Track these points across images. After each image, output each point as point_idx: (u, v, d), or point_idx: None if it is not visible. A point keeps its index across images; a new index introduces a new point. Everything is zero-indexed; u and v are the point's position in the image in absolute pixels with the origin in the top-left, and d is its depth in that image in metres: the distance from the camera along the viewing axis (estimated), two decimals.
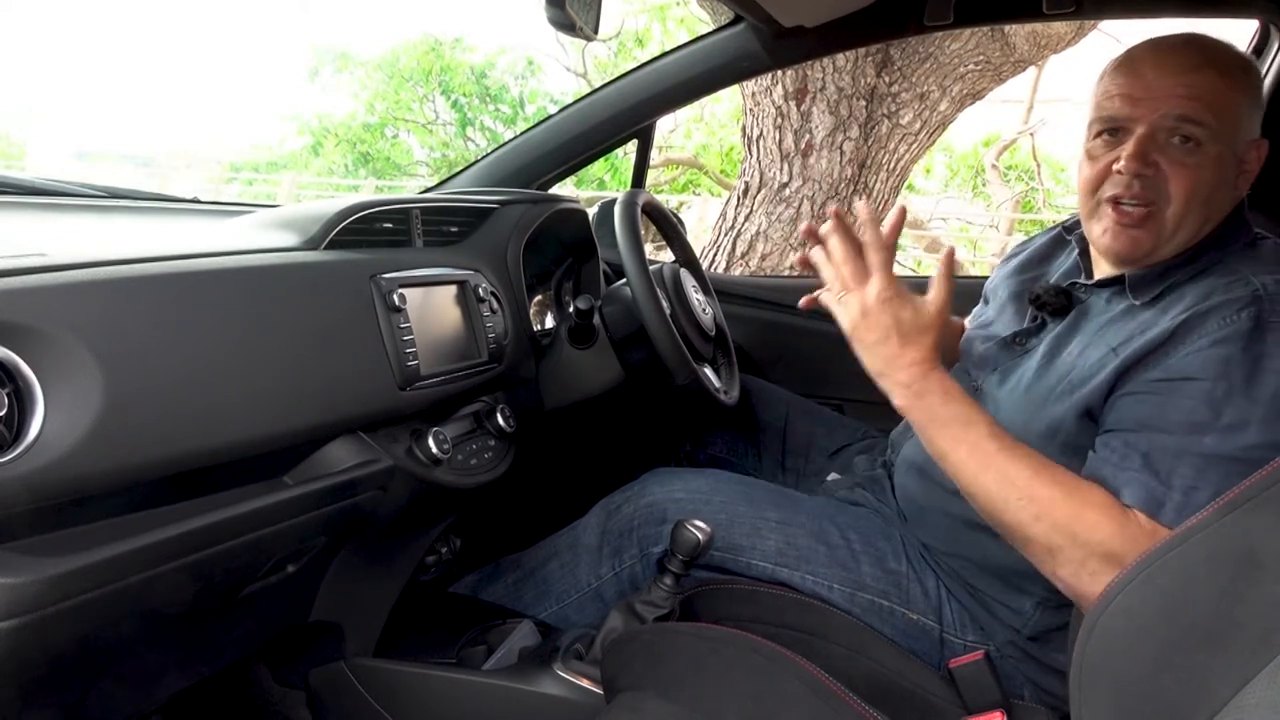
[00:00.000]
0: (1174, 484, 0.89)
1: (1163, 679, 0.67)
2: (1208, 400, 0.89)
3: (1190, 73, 0.96)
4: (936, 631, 1.06)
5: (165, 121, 21.11)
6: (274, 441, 0.83)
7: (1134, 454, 0.92)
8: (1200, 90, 0.95)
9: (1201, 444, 0.89)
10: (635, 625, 1.02)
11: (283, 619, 1.02)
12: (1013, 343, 1.11)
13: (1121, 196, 0.98)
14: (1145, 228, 0.98)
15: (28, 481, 0.61)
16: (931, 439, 0.97)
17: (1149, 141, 0.97)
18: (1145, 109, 0.97)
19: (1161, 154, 0.96)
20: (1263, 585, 0.63)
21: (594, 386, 1.34)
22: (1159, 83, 0.97)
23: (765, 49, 1.51)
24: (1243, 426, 0.88)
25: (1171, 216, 0.97)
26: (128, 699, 0.87)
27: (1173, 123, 0.96)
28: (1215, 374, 0.90)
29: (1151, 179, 0.97)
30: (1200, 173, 0.96)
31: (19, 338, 0.63)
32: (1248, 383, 0.88)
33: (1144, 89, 0.97)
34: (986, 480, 0.93)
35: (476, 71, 10.20)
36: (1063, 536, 0.90)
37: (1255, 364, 0.89)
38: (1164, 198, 0.97)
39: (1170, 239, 0.99)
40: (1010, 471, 0.92)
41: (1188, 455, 0.89)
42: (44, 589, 0.61)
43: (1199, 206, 0.97)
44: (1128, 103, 0.98)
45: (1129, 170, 0.97)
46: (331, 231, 1.00)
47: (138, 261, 0.74)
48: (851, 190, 2.71)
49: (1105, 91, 1.01)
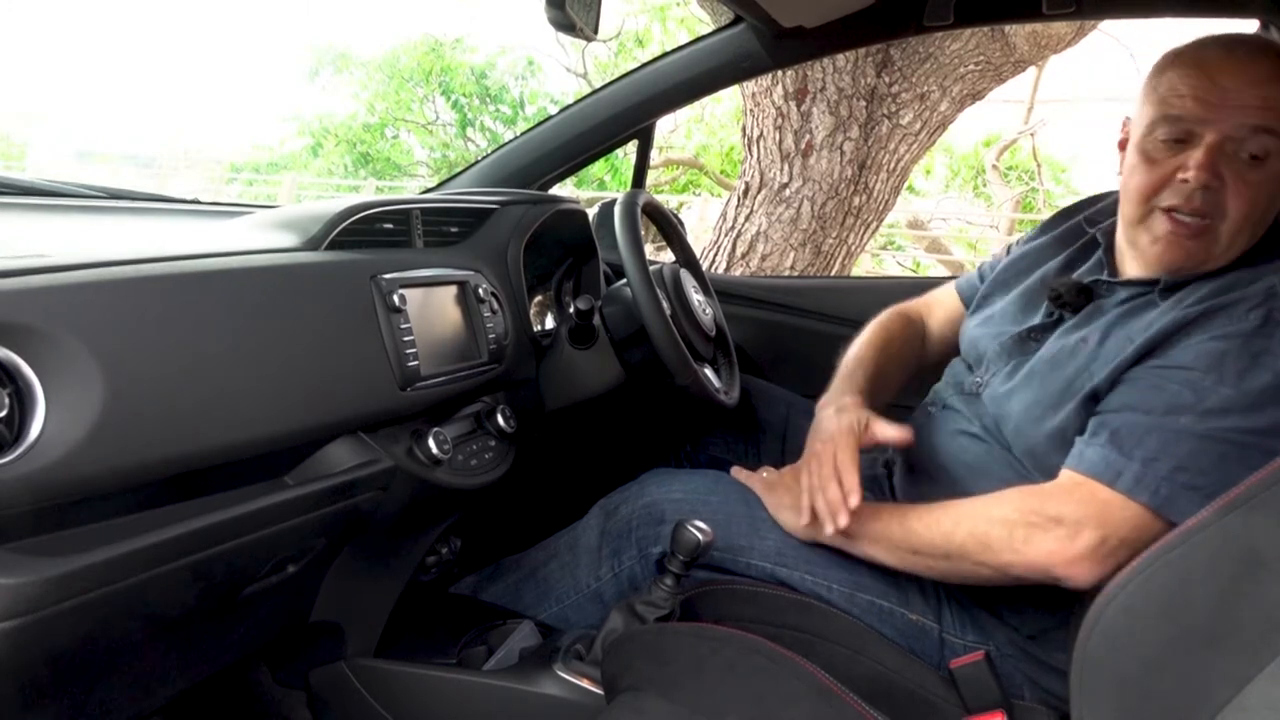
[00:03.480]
0: (1135, 455, 0.91)
1: (1163, 678, 0.67)
2: (1194, 387, 0.90)
3: (1270, 83, 0.92)
4: (936, 632, 1.06)
5: (166, 122, 21.13)
6: (274, 442, 0.83)
7: (1104, 430, 0.94)
8: (1277, 102, 0.92)
9: (1176, 422, 0.90)
10: (635, 625, 1.02)
11: (283, 619, 1.02)
12: (1028, 338, 1.10)
13: (1181, 208, 0.96)
14: (1200, 240, 0.96)
15: (28, 482, 0.61)
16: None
17: (1219, 152, 0.93)
18: (1219, 115, 0.93)
19: (1228, 167, 0.93)
20: (1265, 585, 0.63)
21: (594, 387, 1.34)
22: (1236, 90, 0.92)
23: (765, 49, 1.51)
24: (1223, 412, 0.88)
25: (1226, 232, 0.95)
26: (128, 699, 0.87)
27: (1246, 134, 0.92)
28: (1207, 366, 0.90)
29: (1215, 193, 0.94)
30: (1261, 189, 0.94)
31: (20, 338, 0.63)
32: (1240, 375, 0.89)
33: (1219, 94, 0.93)
34: (912, 548, 1.03)
35: (477, 72, 10.21)
36: (985, 523, 0.97)
37: (1253, 359, 0.89)
38: (1220, 213, 0.94)
39: (1223, 253, 0.97)
40: (926, 522, 1.02)
41: (1157, 431, 0.90)
42: (45, 590, 0.61)
43: (1253, 224, 0.96)
44: (1200, 106, 0.94)
45: (1197, 181, 0.93)
46: (332, 232, 1.00)
47: (139, 262, 0.74)
48: (852, 191, 2.71)
49: (1172, 88, 0.96)
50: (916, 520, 1.02)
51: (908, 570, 1.05)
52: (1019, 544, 0.94)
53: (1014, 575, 0.97)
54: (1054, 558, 0.93)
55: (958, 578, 1.02)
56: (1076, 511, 0.92)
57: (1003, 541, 0.95)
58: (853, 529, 1.05)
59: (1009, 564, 0.96)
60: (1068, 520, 0.92)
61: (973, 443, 1.10)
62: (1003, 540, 0.95)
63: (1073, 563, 0.92)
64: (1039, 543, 0.93)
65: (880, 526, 1.05)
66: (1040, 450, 1.02)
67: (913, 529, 1.02)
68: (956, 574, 1.01)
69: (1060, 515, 0.93)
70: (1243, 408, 0.88)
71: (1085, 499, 0.92)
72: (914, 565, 1.04)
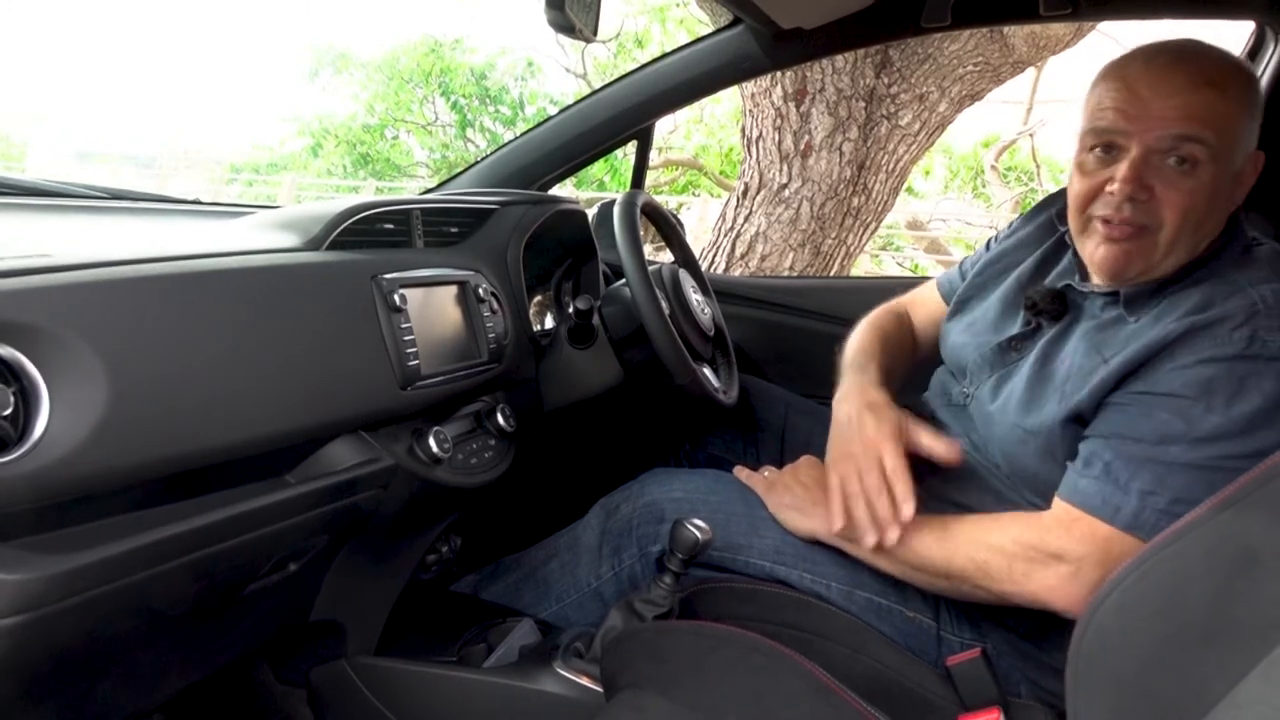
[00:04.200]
0: (1131, 489, 0.91)
1: (1158, 675, 0.67)
2: (1184, 416, 0.90)
3: (1187, 92, 0.93)
4: (934, 630, 1.06)
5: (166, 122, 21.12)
6: (276, 440, 0.84)
7: (1097, 462, 0.94)
8: (1198, 110, 0.92)
9: (1168, 453, 0.90)
10: (635, 623, 1.02)
11: (285, 617, 1.03)
12: (1009, 348, 1.11)
13: (1111, 218, 0.97)
14: (1136, 246, 0.97)
15: (33, 480, 0.62)
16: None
17: (1143, 164, 0.94)
18: (1140, 127, 0.94)
19: (1156, 177, 0.94)
20: (1260, 582, 0.64)
21: (593, 386, 1.34)
22: (1155, 102, 0.93)
23: (764, 51, 1.52)
24: (1214, 440, 0.89)
25: (1164, 240, 0.96)
26: (130, 696, 0.87)
27: (1169, 143, 0.93)
28: (1196, 393, 0.90)
29: (1144, 204, 0.95)
30: (1194, 196, 0.94)
31: (24, 337, 0.63)
32: (1228, 402, 0.89)
33: (1139, 106, 0.94)
34: (913, 565, 1.03)
35: (476, 73, 10.21)
36: (985, 551, 0.97)
37: (1239, 384, 0.89)
38: (1156, 221, 0.95)
39: (1163, 260, 0.97)
40: (926, 541, 1.02)
41: (1150, 463, 0.91)
42: (48, 586, 0.61)
43: (1191, 229, 0.96)
44: (1122, 118, 0.95)
45: (1122, 194, 0.95)
46: (333, 232, 1.00)
47: (142, 262, 0.75)
48: (851, 191, 2.72)
49: (1099, 102, 0.98)
50: (918, 538, 1.02)
51: (908, 581, 1.06)
52: (1019, 576, 0.96)
53: (1013, 603, 0.98)
54: (1055, 594, 0.94)
55: (956, 596, 1.04)
56: (1078, 549, 0.93)
57: (1002, 572, 0.97)
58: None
59: (1008, 594, 0.97)
60: (1069, 557, 0.93)
61: (965, 455, 1.11)
62: (1002, 570, 0.97)
63: (1073, 599, 0.93)
64: (1040, 578, 0.95)
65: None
66: (1029, 469, 1.03)
67: (913, 547, 1.02)
68: (955, 593, 1.03)
69: (1061, 552, 0.94)
70: (1233, 434, 0.88)
71: (1085, 536, 0.93)
72: (914, 579, 1.05)
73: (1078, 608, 0.91)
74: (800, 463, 1.18)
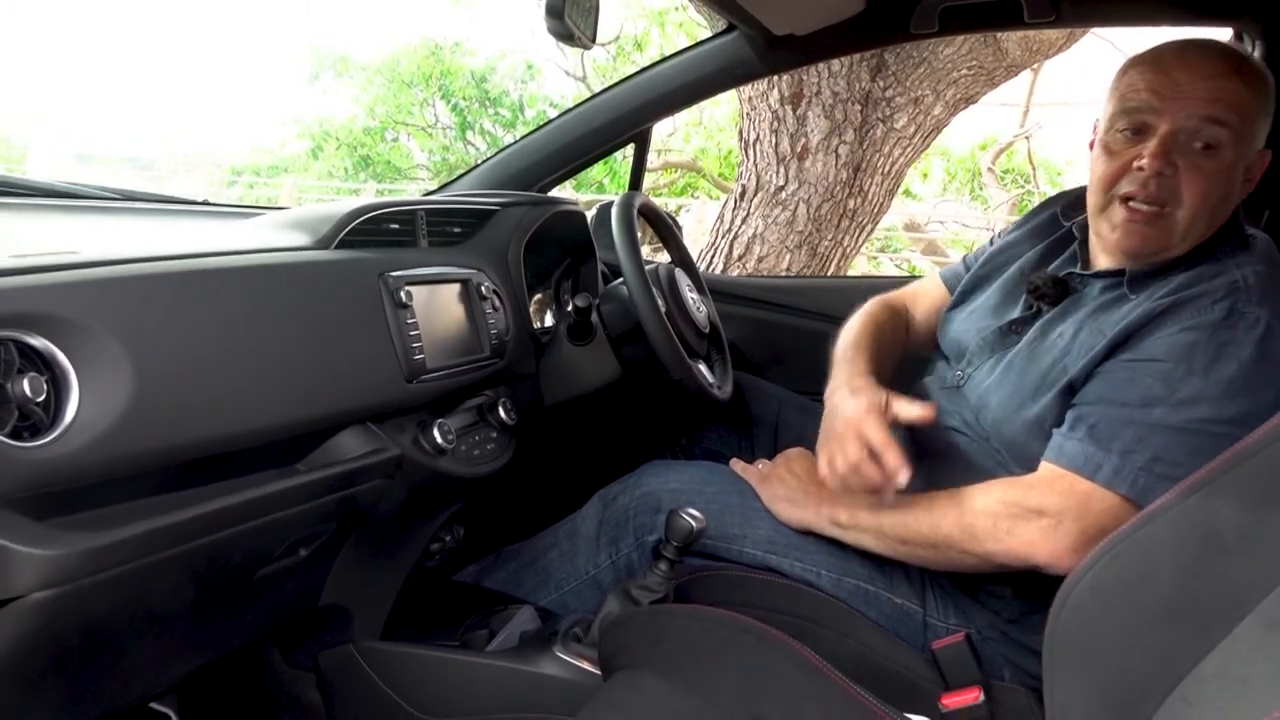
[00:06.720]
0: (1112, 448, 0.95)
1: (1129, 652, 0.70)
2: (1165, 379, 0.95)
3: (1219, 78, 0.98)
4: (920, 615, 1.10)
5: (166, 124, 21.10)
6: (287, 430, 0.88)
7: (1082, 425, 0.98)
8: (1226, 94, 0.98)
9: (1150, 415, 0.95)
10: (631, 608, 1.05)
11: (294, 602, 1.06)
12: (1009, 331, 1.15)
13: (1136, 195, 1.01)
14: (1156, 226, 1.01)
15: (64, 463, 0.65)
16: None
17: (1171, 141, 0.99)
18: (1171, 106, 0.99)
19: (1182, 156, 0.99)
20: (1223, 564, 0.67)
21: (592, 382, 1.38)
22: (1188, 84, 0.99)
23: (758, 56, 1.55)
24: (1194, 402, 0.93)
25: (1182, 219, 1.00)
26: (146, 676, 0.91)
27: (1197, 123, 0.98)
28: (1178, 357, 0.95)
29: (1169, 180, 0.99)
30: (1215, 179, 0.99)
31: (55, 328, 0.67)
32: (1208, 366, 0.93)
33: (1172, 87, 0.99)
34: (901, 538, 1.07)
35: (476, 75, 10.23)
36: (971, 514, 1.01)
37: (1220, 349, 0.93)
38: (1176, 200, 1.00)
39: (1180, 241, 1.02)
40: (914, 513, 1.06)
41: (1133, 425, 0.95)
42: (80, 561, 0.65)
43: (1209, 212, 1.00)
44: (1155, 97, 1.00)
45: (1151, 169, 0.99)
46: (341, 232, 1.04)
47: (163, 259, 0.79)
48: (847, 193, 2.74)
49: (1131, 85, 1.03)
50: (906, 511, 1.06)
51: (896, 558, 1.09)
52: (1003, 534, 1.00)
53: (998, 563, 1.02)
54: (1036, 548, 0.98)
55: (944, 566, 1.07)
56: (1058, 504, 0.97)
57: (987, 531, 1.00)
58: (847, 519, 1.10)
59: (993, 553, 1.01)
60: (1050, 512, 0.97)
61: (954, 436, 1.14)
62: (987, 530, 1.00)
63: (1055, 552, 0.97)
64: (1022, 533, 0.99)
65: (873, 517, 1.09)
66: (1019, 440, 1.06)
67: (902, 519, 1.06)
68: (943, 562, 1.06)
69: (1042, 507, 0.98)
70: (1213, 397, 0.93)
71: (1066, 491, 0.98)
72: (902, 554, 1.08)
73: (1060, 561, 0.96)
74: (791, 454, 1.22)
